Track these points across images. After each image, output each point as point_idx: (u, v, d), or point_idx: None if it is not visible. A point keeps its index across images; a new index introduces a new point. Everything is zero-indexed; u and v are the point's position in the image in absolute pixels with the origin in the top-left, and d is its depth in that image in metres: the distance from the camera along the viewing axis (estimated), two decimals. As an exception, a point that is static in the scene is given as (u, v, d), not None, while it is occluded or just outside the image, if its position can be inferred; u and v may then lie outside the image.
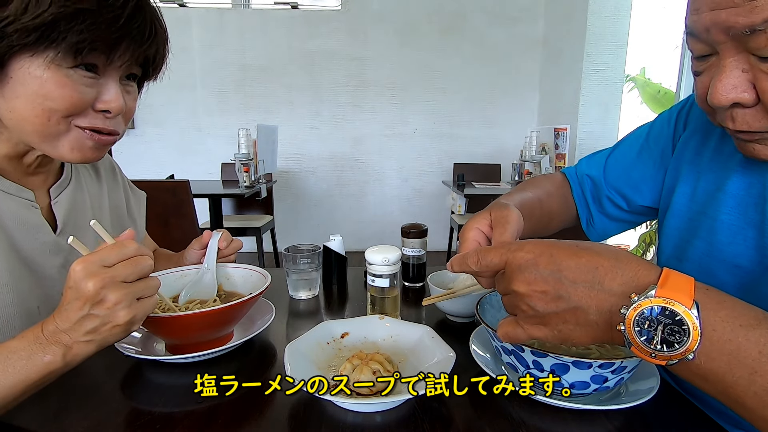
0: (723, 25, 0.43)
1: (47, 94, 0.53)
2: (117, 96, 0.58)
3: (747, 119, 0.47)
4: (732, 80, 0.45)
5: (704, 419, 0.52)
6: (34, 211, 0.63)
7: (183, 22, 3.64)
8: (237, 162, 2.76)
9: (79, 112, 0.56)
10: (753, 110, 0.46)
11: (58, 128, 0.56)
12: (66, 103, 0.54)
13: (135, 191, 0.90)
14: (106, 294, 0.46)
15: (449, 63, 3.80)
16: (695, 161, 0.66)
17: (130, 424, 0.50)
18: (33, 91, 0.52)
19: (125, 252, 0.49)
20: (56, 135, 0.56)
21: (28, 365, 0.46)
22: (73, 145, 0.58)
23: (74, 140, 0.57)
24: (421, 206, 4.07)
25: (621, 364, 0.48)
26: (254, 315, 0.73)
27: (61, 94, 0.53)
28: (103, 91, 0.57)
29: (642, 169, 0.77)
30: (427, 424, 0.49)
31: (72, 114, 0.56)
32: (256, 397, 0.54)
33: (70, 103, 0.54)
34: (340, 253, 0.95)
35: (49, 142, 0.57)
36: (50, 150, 0.58)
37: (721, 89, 0.46)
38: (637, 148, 0.78)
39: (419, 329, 0.63)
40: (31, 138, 0.56)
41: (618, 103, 3.18)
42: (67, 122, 0.56)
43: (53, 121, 0.55)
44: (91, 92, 0.56)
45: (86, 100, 0.55)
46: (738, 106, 0.47)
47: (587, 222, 0.85)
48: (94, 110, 0.57)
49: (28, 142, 0.58)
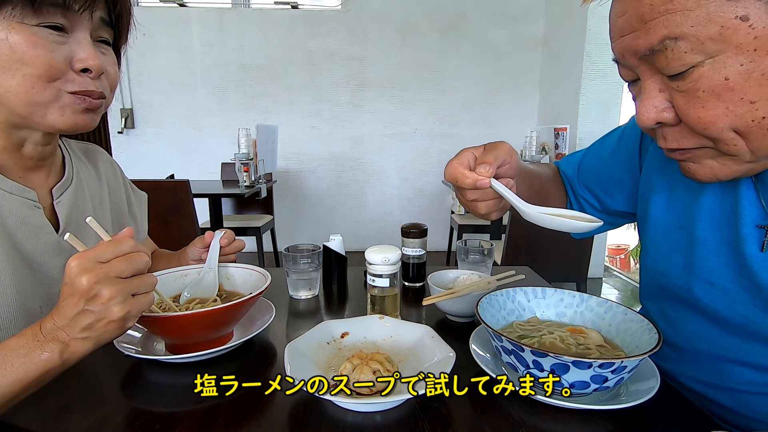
0: (630, 49, 0.46)
1: (20, 58, 0.53)
2: (92, 52, 0.57)
3: (676, 137, 0.49)
4: (652, 101, 0.47)
5: (704, 419, 0.52)
6: (36, 211, 0.63)
7: (183, 22, 3.64)
8: (237, 162, 2.76)
9: (58, 74, 0.56)
10: (678, 128, 0.48)
11: (44, 95, 0.56)
12: (42, 64, 0.54)
13: (136, 191, 0.90)
14: (100, 289, 0.46)
15: (449, 63, 3.80)
16: (666, 170, 0.66)
17: (130, 424, 0.50)
18: (6, 56, 0.52)
19: (121, 249, 0.49)
20: (44, 103, 0.56)
21: (25, 363, 0.46)
22: (63, 111, 0.58)
23: (64, 106, 0.58)
24: (421, 206, 4.07)
25: (621, 364, 0.48)
26: (254, 315, 0.73)
27: (34, 55, 0.53)
28: (77, 50, 0.57)
29: (611, 172, 0.77)
30: (427, 424, 0.49)
31: (53, 77, 0.55)
32: (256, 397, 0.54)
33: (46, 62, 0.54)
34: (340, 253, 0.95)
35: (39, 111, 0.57)
36: (41, 120, 0.57)
37: (643, 111, 0.48)
38: (608, 151, 0.78)
39: (419, 329, 0.63)
40: (20, 110, 0.56)
41: (618, 103, 3.18)
42: (54, 89, 0.56)
43: (37, 88, 0.55)
44: (64, 50, 0.56)
45: (60, 59, 0.55)
46: (664, 125, 0.49)
47: None
48: (75, 71, 0.57)
49: (18, 116, 0.57)
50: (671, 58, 0.43)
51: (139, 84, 3.70)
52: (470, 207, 0.61)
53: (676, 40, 0.41)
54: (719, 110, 0.43)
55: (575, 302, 0.66)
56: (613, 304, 0.63)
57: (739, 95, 0.41)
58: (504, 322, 0.65)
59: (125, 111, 3.70)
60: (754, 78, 0.40)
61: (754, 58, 0.40)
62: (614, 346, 0.59)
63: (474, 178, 0.55)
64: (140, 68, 3.66)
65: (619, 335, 0.60)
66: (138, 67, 3.66)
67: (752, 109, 0.42)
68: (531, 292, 0.68)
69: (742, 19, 0.39)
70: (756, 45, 0.40)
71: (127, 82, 3.67)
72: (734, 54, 0.40)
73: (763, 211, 0.53)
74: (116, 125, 3.65)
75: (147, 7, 3.69)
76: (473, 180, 0.55)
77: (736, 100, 0.42)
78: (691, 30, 0.40)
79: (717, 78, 0.42)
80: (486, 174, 0.55)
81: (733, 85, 0.41)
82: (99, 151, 0.83)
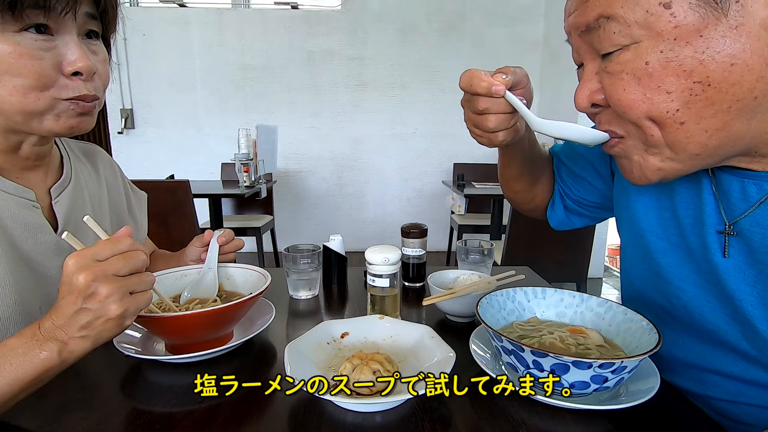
0: (573, 26, 0.48)
1: (8, 69, 0.52)
2: (82, 54, 0.56)
3: (608, 119, 0.50)
4: (587, 84, 0.49)
5: (704, 419, 0.52)
6: (35, 211, 0.63)
7: (183, 22, 3.64)
8: (237, 162, 2.76)
9: (49, 82, 0.55)
10: (609, 110, 0.49)
11: (38, 104, 0.55)
12: (30, 74, 0.53)
13: (136, 191, 0.90)
14: (97, 287, 0.46)
15: (449, 63, 3.80)
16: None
17: (130, 424, 0.50)
18: None
19: (119, 247, 0.49)
20: (39, 112, 0.56)
21: (24, 362, 0.45)
22: (58, 117, 0.57)
23: (59, 113, 0.57)
24: (421, 206, 4.07)
25: (621, 364, 0.48)
26: (254, 315, 0.73)
27: (21, 66, 0.52)
28: (65, 53, 0.55)
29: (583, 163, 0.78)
30: (427, 424, 0.49)
31: (45, 86, 0.54)
32: (256, 397, 0.54)
33: (34, 72, 0.53)
34: (340, 253, 0.95)
35: (35, 119, 0.56)
36: (38, 126, 0.57)
37: (579, 93, 0.50)
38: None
39: (419, 329, 0.63)
40: (15, 118, 0.56)
41: (618, 103, 3.18)
42: (48, 98, 0.55)
43: (30, 98, 0.54)
44: (51, 56, 0.54)
45: (49, 66, 0.54)
46: (599, 109, 0.50)
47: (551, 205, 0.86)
48: (66, 76, 0.56)
49: (15, 123, 0.57)
50: (602, 37, 0.45)
51: (139, 84, 3.70)
52: (480, 121, 0.59)
53: (608, 20, 0.44)
54: (638, 95, 0.44)
55: (575, 302, 0.66)
56: (613, 304, 0.63)
57: (656, 82, 0.43)
58: (504, 322, 0.65)
59: (125, 111, 3.70)
60: (672, 67, 0.42)
61: (674, 47, 0.41)
62: (614, 346, 0.59)
63: (490, 82, 0.55)
64: (140, 68, 3.66)
65: (619, 335, 0.60)
66: (138, 67, 3.66)
67: (668, 99, 0.43)
68: (531, 292, 0.68)
69: (665, 6, 0.41)
70: (676, 34, 0.41)
71: (127, 82, 3.67)
72: (656, 40, 0.42)
73: (721, 217, 0.53)
74: (116, 125, 3.65)
75: (147, 8, 3.70)
76: (488, 83, 0.55)
77: (653, 87, 0.43)
78: (621, 11, 0.43)
79: (639, 62, 0.43)
80: (503, 81, 0.55)
81: (652, 71, 0.43)
82: (98, 151, 0.83)
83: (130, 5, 3.72)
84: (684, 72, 0.41)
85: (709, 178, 0.54)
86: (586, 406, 0.50)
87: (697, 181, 0.56)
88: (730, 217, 0.52)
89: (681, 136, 0.44)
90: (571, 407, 0.51)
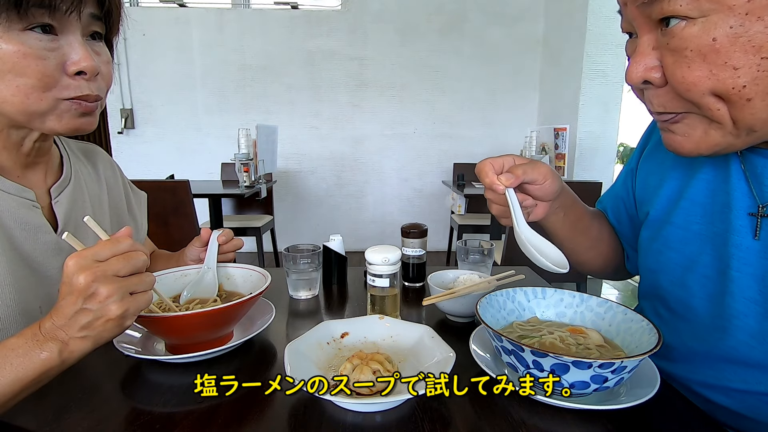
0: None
1: (11, 68, 0.52)
2: (86, 54, 0.56)
3: (661, 101, 0.49)
4: (644, 58, 0.47)
5: (704, 419, 0.52)
6: (35, 210, 0.63)
7: (183, 22, 3.64)
8: (237, 162, 2.76)
9: (53, 82, 0.55)
10: (664, 91, 0.48)
11: (40, 105, 0.55)
12: (34, 74, 0.53)
13: (136, 191, 0.90)
14: (98, 287, 0.46)
15: (449, 63, 3.80)
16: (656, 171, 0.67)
17: (130, 424, 0.50)
18: None
19: (119, 247, 0.49)
20: (42, 113, 0.56)
21: (24, 362, 0.45)
22: (61, 117, 0.57)
23: (61, 113, 0.57)
24: (421, 206, 4.07)
25: (621, 364, 0.48)
26: (254, 315, 0.73)
27: (25, 65, 0.52)
28: (69, 52, 0.55)
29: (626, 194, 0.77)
30: (427, 424, 0.49)
31: (48, 86, 0.54)
32: (256, 397, 0.54)
33: (38, 72, 0.53)
34: (340, 253, 0.95)
35: (37, 118, 0.56)
36: (40, 125, 0.57)
37: (633, 66, 0.48)
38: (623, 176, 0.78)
39: (419, 329, 0.63)
40: (18, 117, 0.56)
41: (618, 103, 3.18)
42: (50, 98, 0.55)
43: (33, 98, 0.54)
44: (55, 56, 0.54)
45: (53, 67, 0.54)
46: (651, 87, 0.49)
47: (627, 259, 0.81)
48: (70, 76, 0.56)
49: (18, 122, 0.57)
50: (667, 9, 0.43)
51: (139, 84, 3.70)
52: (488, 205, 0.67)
53: None
54: (703, 72, 0.43)
55: (575, 302, 0.66)
56: (613, 304, 0.63)
57: (723, 59, 0.42)
58: (504, 322, 0.65)
59: (125, 111, 3.70)
60: (741, 43, 0.41)
61: (744, 22, 0.40)
62: (614, 346, 0.59)
63: (492, 180, 0.60)
64: (140, 68, 3.66)
65: (619, 335, 0.60)
66: (138, 67, 3.66)
67: (734, 75, 0.42)
68: (531, 292, 0.68)
69: None
70: (748, 8, 0.40)
71: (127, 82, 3.67)
72: (725, 15, 0.40)
73: (754, 200, 0.53)
74: (116, 125, 3.65)
75: (147, 8, 3.70)
76: (490, 181, 0.60)
77: (720, 64, 0.42)
78: None
79: (705, 38, 0.42)
80: (504, 182, 0.60)
81: (719, 47, 0.41)
82: (98, 151, 0.83)
83: (130, 5, 3.71)
84: (753, 48, 0.40)
85: (738, 159, 0.54)
86: (586, 406, 0.50)
87: (725, 166, 0.56)
88: (763, 199, 0.52)
89: (747, 113, 0.43)
90: (571, 407, 0.51)
